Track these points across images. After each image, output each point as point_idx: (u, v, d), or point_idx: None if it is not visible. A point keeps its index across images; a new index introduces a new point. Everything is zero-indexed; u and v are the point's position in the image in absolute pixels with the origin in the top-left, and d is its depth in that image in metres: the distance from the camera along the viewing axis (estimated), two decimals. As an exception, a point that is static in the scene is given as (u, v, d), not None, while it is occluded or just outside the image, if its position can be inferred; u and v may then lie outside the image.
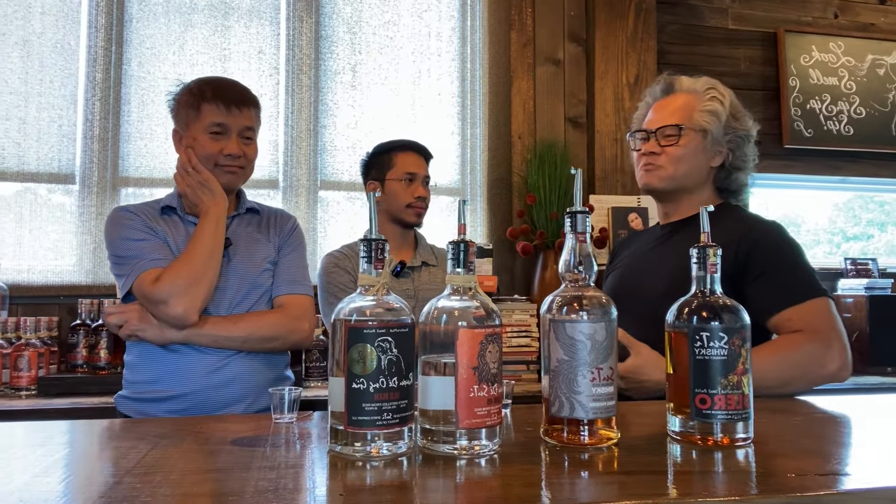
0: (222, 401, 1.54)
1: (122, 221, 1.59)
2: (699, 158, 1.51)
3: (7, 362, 2.16)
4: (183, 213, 1.64)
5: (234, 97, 1.61)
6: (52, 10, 2.66)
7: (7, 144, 2.58)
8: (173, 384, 1.53)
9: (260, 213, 1.74)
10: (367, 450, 0.81)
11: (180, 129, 1.63)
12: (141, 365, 1.57)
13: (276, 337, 1.58)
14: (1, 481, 0.74)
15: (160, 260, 1.53)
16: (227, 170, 1.60)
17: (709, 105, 1.51)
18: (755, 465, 0.81)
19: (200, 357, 1.54)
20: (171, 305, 1.46)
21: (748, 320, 0.92)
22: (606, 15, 3.04)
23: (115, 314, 1.53)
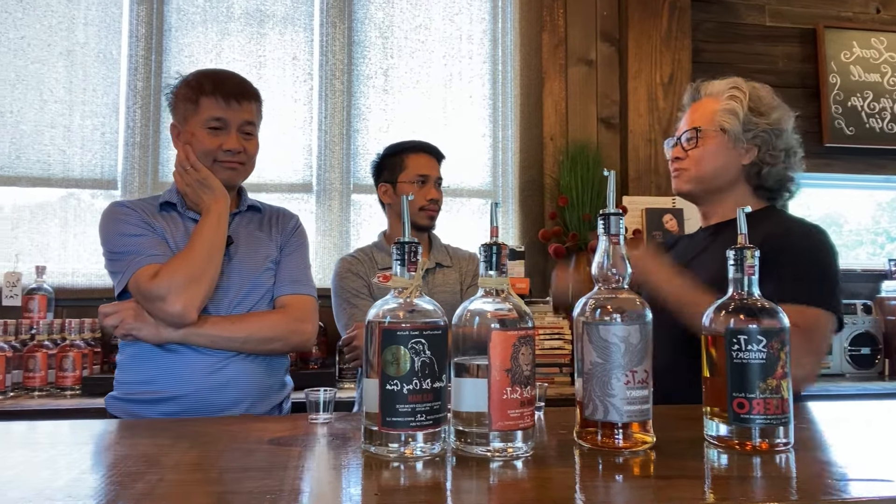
0: (219, 404, 1.47)
1: (118, 216, 1.52)
2: (724, 157, 1.49)
3: (53, 362, 2.23)
4: (183, 210, 1.57)
5: (233, 90, 1.53)
6: (95, 20, 2.75)
7: (53, 152, 2.67)
8: (169, 385, 1.46)
9: (262, 212, 1.68)
10: (401, 450, 0.82)
11: (178, 123, 1.56)
12: (134, 365, 1.50)
13: (276, 338, 1.52)
14: (49, 478, 0.77)
15: (158, 256, 1.46)
16: (227, 166, 1.53)
17: (726, 104, 1.50)
18: (795, 471, 0.80)
19: (199, 358, 1.47)
20: (169, 302, 1.39)
21: (787, 323, 0.90)
22: (640, 14, 3.01)
23: (110, 314, 1.45)
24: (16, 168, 2.64)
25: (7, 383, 2.14)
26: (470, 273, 2.14)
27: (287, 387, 1.65)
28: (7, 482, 0.75)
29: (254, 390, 1.52)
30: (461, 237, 2.34)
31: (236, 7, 2.85)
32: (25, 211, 2.66)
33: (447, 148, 2.23)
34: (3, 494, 0.69)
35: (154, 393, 1.47)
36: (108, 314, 1.45)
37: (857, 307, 2.78)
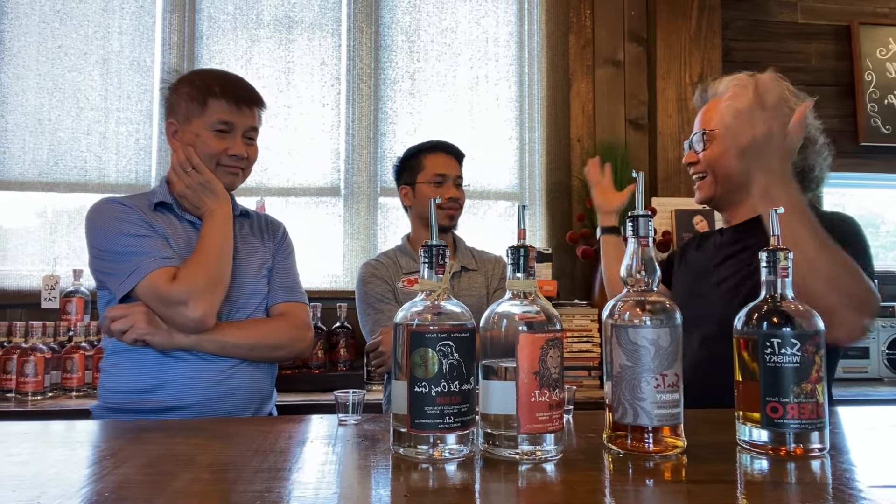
0: (224, 413, 1.43)
1: (115, 214, 1.45)
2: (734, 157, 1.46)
3: (90, 363, 2.29)
4: (180, 212, 1.52)
5: (243, 95, 1.51)
6: (129, 29, 2.81)
7: (89, 158, 2.74)
8: (173, 394, 1.41)
9: (251, 217, 1.67)
10: (430, 452, 0.82)
11: (177, 122, 1.51)
12: (131, 373, 1.42)
13: (282, 345, 1.51)
14: (87, 476, 0.79)
15: (170, 258, 1.41)
16: (230, 170, 1.51)
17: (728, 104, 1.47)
18: (831, 477, 0.78)
19: (206, 365, 1.43)
20: (191, 308, 1.35)
21: (822, 326, 0.88)
22: (668, 13, 2.98)
23: (119, 318, 1.37)
24: (54, 174, 2.72)
25: (46, 384, 2.20)
26: (496, 276, 2.12)
27: (275, 394, 1.65)
28: (48, 480, 0.77)
29: (256, 398, 1.51)
30: (488, 240, 2.34)
31: (265, 14, 2.90)
32: (63, 216, 2.73)
33: (473, 150, 2.23)
34: (44, 492, 0.72)
35: (159, 402, 1.41)
36: (115, 318, 1.38)
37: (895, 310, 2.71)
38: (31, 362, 2.16)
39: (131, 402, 1.43)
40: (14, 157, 2.70)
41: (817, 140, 1.46)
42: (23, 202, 2.72)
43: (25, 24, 2.75)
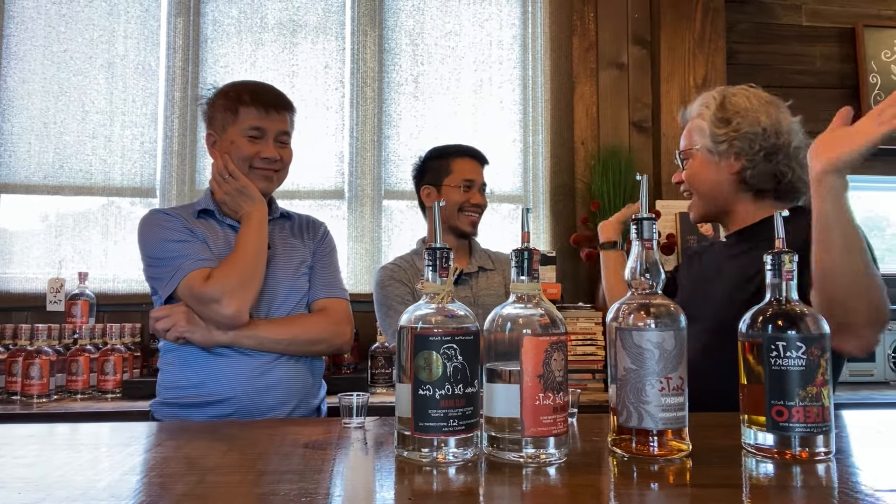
0: (265, 406, 1.51)
1: (160, 223, 1.57)
2: (711, 172, 1.49)
3: (95, 366, 2.30)
4: (221, 217, 1.62)
5: (271, 101, 1.60)
6: (134, 33, 2.83)
7: (94, 161, 2.75)
8: (217, 388, 1.50)
9: (292, 219, 1.74)
10: (434, 455, 0.82)
11: (216, 132, 1.62)
12: (181, 369, 1.54)
13: (321, 340, 1.57)
14: (92, 478, 0.79)
15: (207, 260, 1.51)
16: (263, 174, 1.60)
17: (695, 123, 1.51)
18: (837, 481, 0.78)
19: (246, 360, 1.51)
20: (224, 305, 1.43)
21: (828, 329, 0.88)
22: (672, 16, 2.98)
23: (162, 317, 1.48)
24: (59, 177, 2.73)
25: (51, 386, 2.20)
26: None
27: (322, 389, 1.70)
28: (53, 483, 0.77)
29: (298, 392, 1.56)
30: (492, 242, 2.33)
31: (269, 18, 2.91)
32: (68, 219, 2.74)
33: (477, 153, 2.22)
34: (49, 494, 0.72)
35: (203, 396, 1.51)
36: (159, 318, 1.49)
37: (902, 313, 2.70)
38: (37, 365, 2.17)
39: (179, 396, 1.54)
40: (20, 160, 2.71)
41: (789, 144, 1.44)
42: (28, 205, 2.73)
43: (31, 28, 2.76)
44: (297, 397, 1.56)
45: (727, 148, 1.45)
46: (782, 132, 1.44)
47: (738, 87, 1.51)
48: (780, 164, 1.44)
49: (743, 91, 1.49)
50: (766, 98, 1.48)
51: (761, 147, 1.43)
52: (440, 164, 2.11)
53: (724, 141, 1.45)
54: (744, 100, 1.47)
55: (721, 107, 1.47)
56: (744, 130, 1.44)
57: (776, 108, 1.47)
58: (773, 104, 1.48)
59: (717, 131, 1.46)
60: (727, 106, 1.47)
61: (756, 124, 1.44)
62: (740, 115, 1.45)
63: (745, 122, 1.44)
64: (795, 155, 1.45)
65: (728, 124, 1.45)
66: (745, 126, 1.44)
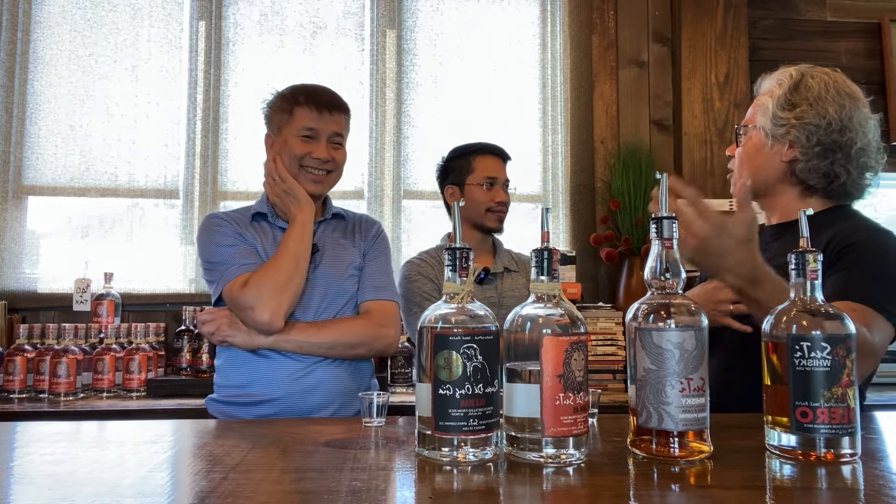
0: (308, 407, 1.54)
1: (213, 228, 1.62)
2: (762, 155, 1.41)
3: (120, 365, 2.33)
4: (273, 219, 1.65)
5: (325, 102, 1.62)
6: (157, 37, 2.87)
7: (119, 163, 2.80)
8: (261, 389, 1.55)
9: (346, 219, 1.75)
10: (454, 455, 0.82)
11: (272, 133, 1.65)
12: (230, 369, 1.59)
13: (361, 343, 1.57)
14: (119, 476, 0.80)
15: (249, 265, 1.54)
16: (312, 178, 1.62)
17: (762, 99, 1.42)
18: (863, 483, 0.77)
19: (288, 363, 1.54)
20: (258, 312, 1.47)
21: (853, 329, 0.87)
22: (693, 13, 2.95)
23: (207, 321, 1.55)
24: (85, 179, 2.78)
25: (78, 385, 2.25)
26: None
27: (373, 390, 1.69)
28: (80, 480, 0.79)
29: (341, 393, 1.58)
30: (511, 242, 2.33)
31: (290, 20, 2.93)
32: (94, 220, 2.79)
33: (497, 153, 2.22)
34: (77, 491, 0.73)
35: (249, 396, 1.55)
36: (205, 321, 1.55)
37: (931, 313, 2.64)
38: (64, 363, 2.21)
39: (229, 395, 1.59)
40: (47, 163, 2.77)
41: (853, 145, 1.35)
42: (55, 207, 2.78)
43: (57, 34, 2.82)
44: (339, 399, 1.57)
45: (784, 134, 1.37)
46: (849, 129, 1.34)
47: (823, 69, 1.41)
48: (836, 163, 1.35)
49: (823, 76, 1.39)
50: (845, 89, 1.37)
51: (819, 141, 1.34)
52: (462, 163, 2.11)
53: (784, 126, 1.37)
54: (820, 85, 1.37)
55: (794, 88, 1.38)
56: (806, 120, 1.35)
57: (852, 101, 1.36)
58: (851, 97, 1.37)
59: (780, 114, 1.37)
60: (800, 89, 1.38)
61: (821, 116, 1.34)
62: (808, 102, 1.36)
63: (810, 111, 1.35)
64: (857, 157, 1.35)
65: (793, 109, 1.36)
66: (810, 115, 1.35)
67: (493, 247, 2.17)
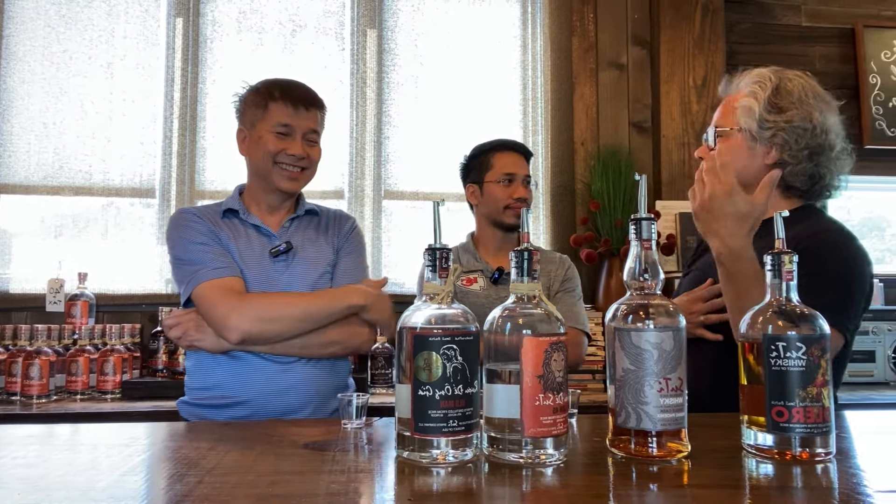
0: (283, 408, 1.51)
1: (184, 223, 1.57)
2: (745, 158, 1.39)
3: (94, 367, 2.29)
4: (245, 216, 1.61)
5: (301, 97, 1.59)
6: (133, 34, 2.83)
7: (94, 162, 2.75)
8: (234, 390, 1.51)
9: (319, 215, 1.71)
10: (434, 456, 0.82)
11: (245, 128, 1.62)
12: (202, 371, 1.55)
13: (335, 342, 1.53)
14: (92, 479, 0.79)
15: (225, 268, 1.50)
16: (287, 174, 1.58)
17: (745, 101, 1.40)
18: (838, 481, 0.78)
19: (261, 363, 1.51)
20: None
21: (828, 330, 0.88)
22: (672, 17, 2.98)
23: (173, 326, 1.51)
24: (59, 178, 2.73)
25: (51, 387, 2.20)
26: (558, 279, 2.05)
27: (349, 389, 1.67)
28: (52, 483, 0.77)
29: (317, 394, 1.54)
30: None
31: (269, 18, 2.91)
32: (68, 219, 2.74)
33: (478, 154, 2.22)
34: (48, 495, 0.72)
35: (221, 398, 1.52)
36: (170, 326, 1.51)
37: (901, 313, 2.70)
38: (36, 365, 2.17)
39: (201, 398, 1.55)
40: (19, 160, 2.71)
41: (833, 147, 1.37)
42: (28, 206, 2.73)
43: (31, 29, 2.76)
44: (315, 399, 1.54)
45: (770, 136, 1.37)
46: (828, 132, 1.36)
47: (794, 71, 1.42)
48: (821, 165, 1.37)
49: (800, 79, 1.40)
50: (820, 92, 1.40)
51: (807, 144, 1.35)
52: (481, 161, 2.08)
53: (771, 128, 1.37)
54: (799, 89, 1.38)
55: (777, 91, 1.38)
56: (795, 123, 1.35)
57: (827, 104, 1.39)
58: (825, 100, 1.39)
59: (768, 117, 1.37)
60: (782, 91, 1.38)
61: (807, 119, 1.35)
62: (795, 106, 1.36)
63: (797, 115, 1.36)
64: (836, 158, 1.38)
65: (780, 112, 1.37)
66: (797, 119, 1.35)
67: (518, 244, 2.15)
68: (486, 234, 2.10)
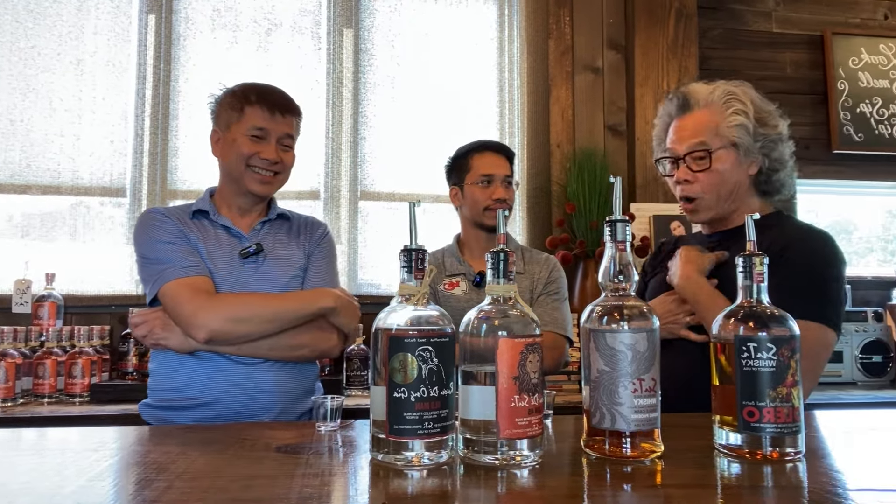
0: (249, 410, 1.49)
1: (152, 223, 1.56)
2: (737, 174, 1.43)
3: (62, 370, 2.24)
4: (215, 216, 1.61)
5: (277, 102, 1.59)
6: (104, 30, 2.77)
7: (62, 160, 2.69)
8: (199, 392, 1.49)
9: (290, 220, 1.71)
10: (409, 458, 0.82)
11: (220, 129, 1.61)
12: (166, 372, 1.53)
13: (303, 345, 1.52)
14: (58, 485, 0.77)
15: (192, 268, 1.49)
16: (259, 178, 1.58)
17: (733, 119, 1.41)
18: (807, 481, 0.79)
19: (227, 364, 1.49)
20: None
21: (797, 331, 0.89)
22: (646, 21, 3.01)
23: (139, 324, 1.49)
24: (26, 176, 2.66)
25: (17, 390, 2.15)
26: (542, 280, 2.03)
27: (318, 393, 1.65)
28: (16, 489, 0.75)
29: (283, 396, 1.53)
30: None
31: (244, 16, 2.87)
32: (35, 219, 2.68)
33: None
34: (12, 501, 0.70)
35: (185, 399, 1.49)
36: (136, 324, 1.50)
37: (868, 315, 2.76)
38: (2, 368, 2.11)
39: (164, 399, 1.53)
40: (-15, 158, 2.64)
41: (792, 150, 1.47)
42: (-7, 205, 2.66)
43: (-3, 24, 2.70)
44: (282, 402, 1.52)
45: (760, 149, 1.43)
46: (788, 138, 1.46)
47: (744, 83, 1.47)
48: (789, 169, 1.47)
49: (754, 91, 1.47)
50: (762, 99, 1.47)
51: (781, 152, 1.45)
52: (461, 163, 2.08)
53: (760, 141, 1.42)
54: (766, 103, 1.45)
55: (760, 106, 1.44)
56: (777, 133, 1.43)
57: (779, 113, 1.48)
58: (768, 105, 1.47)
59: (761, 130, 1.42)
60: (762, 104, 1.44)
61: (777, 128, 1.44)
62: (772, 117, 1.44)
63: (777, 125, 1.44)
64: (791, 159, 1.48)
65: (766, 125, 1.43)
66: (776, 130, 1.44)
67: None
68: (471, 236, 2.10)
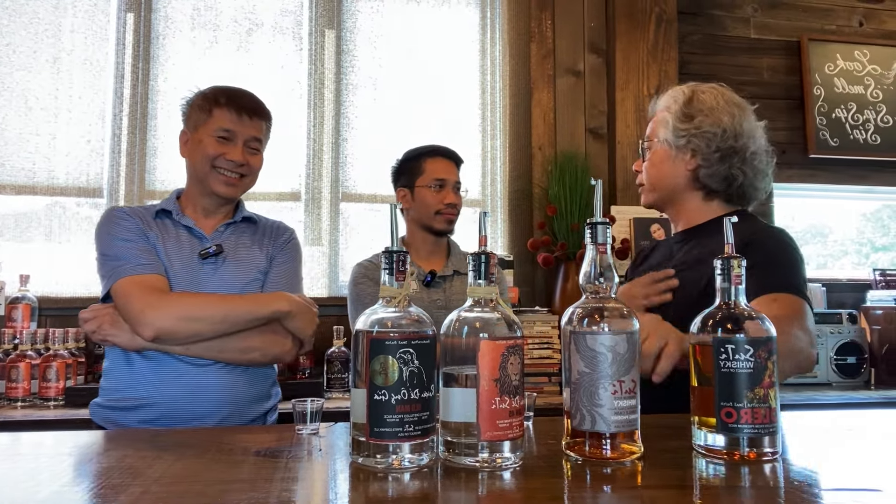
0: (192, 412, 1.46)
1: (114, 221, 1.56)
2: (669, 166, 1.52)
3: (36, 373, 2.20)
4: (178, 216, 1.60)
5: (246, 105, 1.60)
6: (82, 28, 2.73)
7: (38, 159, 2.65)
8: (141, 392, 1.47)
9: (257, 223, 1.70)
10: (389, 461, 0.81)
11: (188, 130, 1.62)
12: (114, 371, 1.52)
13: (254, 348, 1.50)
14: (30, 490, 0.75)
15: (146, 266, 1.49)
16: (224, 179, 1.58)
17: (660, 115, 1.54)
18: (783, 481, 0.80)
19: (175, 364, 1.47)
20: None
21: (774, 332, 0.90)
22: (627, 26, 3.04)
23: (88, 319, 1.48)
24: (0, 176, 2.61)
25: (-11, 394, 2.11)
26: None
27: (273, 398, 1.64)
28: (-14, 495, 0.73)
29: (232, 400, 1.50)
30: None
31: (224, 15, 2.85)
32: (9, 219, 2.62)
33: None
34: (-18, 508, 0.68)
35: (128, 399, 1.48)
36: (86, 319, 1.49)
37: (843, 317, 2.80)
38: (-27, 372, 2.07)
39: (111, 399, 1.52)
40: (-43, 157, 2.59)
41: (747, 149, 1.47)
42: (-34, 204, 2.61)
43: (-29, 20, 2.64)
44: (229, 405, 1.50)
45: (685, 143, 1.49)
46: (742, 135, 1.47)
47: (709, 84, 1.54)
48: (733, 167, 1.48)
49: (712, 90, 1.52)
50: (733, 100, 1.51)
51: (718, 148, 1.47)
52: (413, 166, 2.12)
53: (684, 136, 1.49)
54: (711, 98, 1.50)
55: (688, 102, 1.50)
56: (704, 129, 1.47)
57: (741, 110, 1.50)
58: (740, 107, 1.50)
59: (680, 126, 1.49)
60: (694, 102, 1.50)
61: (717, 125, 1.47)
62: (704, 114, 1.48)
63: (706, 121, 1.47)
64: (752, 160, 1.49)
65: (690, 120, 1.49)
66: (707, 125, 1.47)
67: (447, 249, 2.18)
68: (417, 238, 2.13)
